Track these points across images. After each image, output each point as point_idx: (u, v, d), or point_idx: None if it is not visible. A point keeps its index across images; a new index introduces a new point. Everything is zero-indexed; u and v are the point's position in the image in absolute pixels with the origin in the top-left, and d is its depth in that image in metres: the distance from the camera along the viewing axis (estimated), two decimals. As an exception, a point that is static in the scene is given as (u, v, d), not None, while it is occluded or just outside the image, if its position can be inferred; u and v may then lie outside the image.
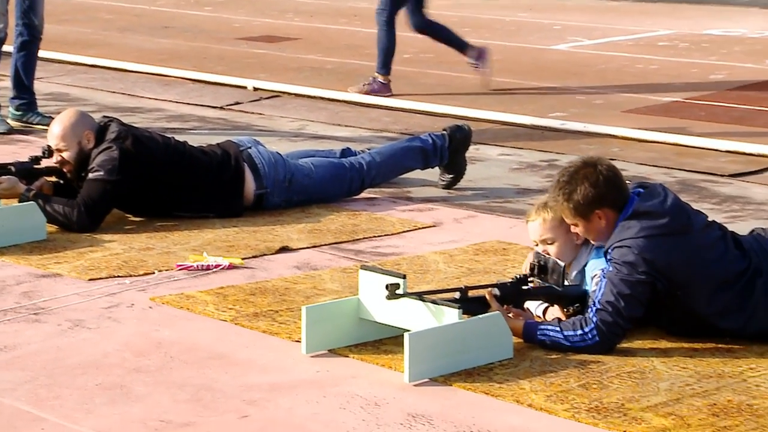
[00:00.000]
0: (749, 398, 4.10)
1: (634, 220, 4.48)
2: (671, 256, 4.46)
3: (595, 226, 4.56)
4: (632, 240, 4.45)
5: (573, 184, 4.54)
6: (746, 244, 4.62)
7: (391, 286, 4.43)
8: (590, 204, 4.52)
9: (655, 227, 4.47)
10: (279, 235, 6.08)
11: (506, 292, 4.64)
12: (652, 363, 4.41)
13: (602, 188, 4.52)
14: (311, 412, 4.10)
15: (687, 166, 7.32)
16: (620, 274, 4.46)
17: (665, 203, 4.52)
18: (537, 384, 4.24)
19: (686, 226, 4.52)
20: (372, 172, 6.71)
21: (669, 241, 4.46)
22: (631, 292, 4.44)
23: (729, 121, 8.34)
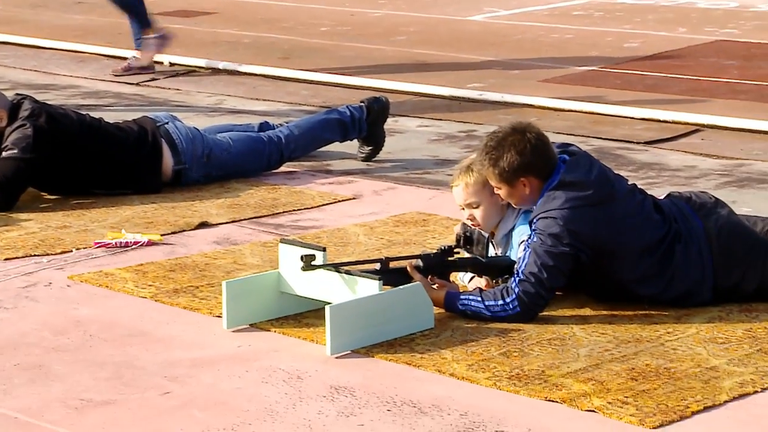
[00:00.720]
0: (666, 362, 4.15)
1: (559, 190, 4.50)
2: (596, 227, 4.49)
3: (518, 192, 4.58)
4: (557, 211, 4.48)
5: (500, 150, 4.54)
6: (665, 208, 4.67)
7: (306, 258, 4.43)
8: (515, 171, 4.53)
9: (581, 198, 4.49)
10: (198, 210, 6.04)
11: (430, 263, 4.65)
12: (571, 330, 4.45)
13: (528, 157, 4.53)
14: (234, 386, 4.09)
15: (603, 134, 7.38)
16: (544, 246, 4.48)
17: (591, 173, 4.55)
18: (458, 353, 4.26)
19: (610, 195, 4.56)
20: (291, 146, 6.70)
21: (594, 211, 4.50)
22: (555, 263, 4.47)
23: (643, 89, 8.42)
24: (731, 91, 8.27)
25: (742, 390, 3.93)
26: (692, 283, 4.57)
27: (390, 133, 7.18)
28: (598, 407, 3.83)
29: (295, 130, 6.74)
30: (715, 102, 7.96)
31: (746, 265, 4.59)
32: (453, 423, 3.79)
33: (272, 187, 6.43)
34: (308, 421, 3.84)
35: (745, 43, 9.74)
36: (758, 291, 4.60)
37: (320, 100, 8.41)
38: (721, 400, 3.87)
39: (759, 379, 4.01)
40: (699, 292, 4.57)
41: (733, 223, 4.67)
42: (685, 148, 7.07)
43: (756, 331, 4.40)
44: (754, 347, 4.26)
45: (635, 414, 3.78)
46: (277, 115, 7.89)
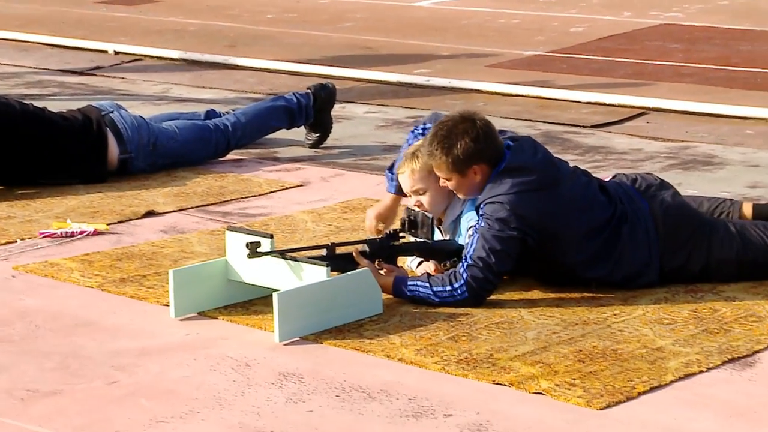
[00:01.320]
0: (613, 343, 4.18)
1: (505, 175, 4.52)
2: (542, 211, 4.51)
3: (469, 181, 4.59)
4: (504, 196, 4.50)
5: (452, 139, 4.55)
6: (611, 189, 4.70)
7: (251, 245, 4.42)
8: (469, 159, 4.55)
9: (526, 183, 4.52)
10: (145, 199, 6.01)
11: (376, 248, 4.65)
12: (519, 313, 4.47)
13: (481, 144, 4.55)
14: (181, 375, 4.08)
15: (550, 119, 7.41)
16: (492, 230, 4.50)
17: (535, 157, 4.57)
18: (407, 338, 4.27)
19: (555, 178, 4.58)
20: (237, 133, 6.68)
21: (540, 195, 4.52)
22: (503, 247, 4.49)
23: (590, 73, 8.46)
24: (676, 74, 8.33)
25: (687, 370, 3.97)
26: (639, 264, 4.60)
27: (337, 120, 7.17)
28: (546, 390, 3.85)
29: (242, 118, 6.72)
30: (660, 85, 8.01)
31: (691, 246, 4.63)
32: (402, 408, 3.80)
33: (219, 175, 6.41)
34: (257, 408, 3.84)
35: (689, 26, 9.81)
36: (703, 271, 4.64)
37: (267, 88, 8.39)
38: (667, 381, 3.90)
39: (704, 359, 4.04)
40: (646, 273, 4.61)
41: (678, 204, 4.71)
42: (631, 131, 7.12)
43: (701, 311, 4.44)
44: (699, 327, 4.30)
45: (582, 396, 3.81)
46: (224, 103, 7.86)
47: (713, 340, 4.18)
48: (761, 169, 6.28)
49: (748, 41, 9.19)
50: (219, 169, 6.51)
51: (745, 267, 4.63)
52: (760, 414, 3.69)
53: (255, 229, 5.17)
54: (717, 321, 4.34)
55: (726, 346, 4.13)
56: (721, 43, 9.16)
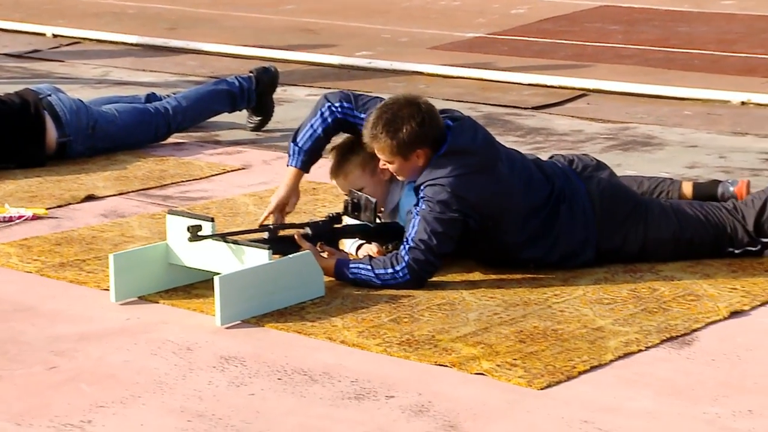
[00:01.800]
0: (554, 324, 4.21)
1: (445, 158, 4.54)
2: (483, 193, 4.53)
3: (411, 165, 4.59)
4: (445, 179, 4.51)
5: (398, 123, 4.54)
6: (548, 169, 4.72)
7: (192, 228, 4.40)
8: (413, 143, 4.55)
9: (467, 165, 4.53)
10: (84, 183, 5.97)
11: (318, 230, 4.65)
12: (461, 295, 4.48)
13: (426, 128, 4.55)
14: (122, 359, 4.06)
15: (492, 101, 7.43)
16: (433, 213, 4.51)
17: (476, 139, 4.59)
18: (349, 321, 4.28)
19: (495, 159, 4.60)
20: (178, 117, 6.64)
21: (480, 178, 4.54)
22: (444, 229, 4.50)
23: (530, 54, 8.49)
24: (616, 55, 8.38)
25: (626, 349, 4.00)
26: (576, 243, 4.64)
27: (279, 103, 7.15)
28: (487, 370, 3.87)
29: (183, 102, 6.69)
30: (600, 67, 8.06)
31: (628, 227, 4.66)
32: (344, 390, 3.81)
33: (160, 159, 6.37)
34: (198, 392, 3.83)
35: (628, 8, 9.87)
36: (641, 251, 4.68)
37: (208, 71, 8.35)
38: (607, 360, 3.93)
39: (643, 338, 4.08)
40: (583, 252, 4.64)
41: (615, 185, 4.75)
42: (572, 112, 7.15)
43: (640, 291, 4.47)
44: (638, 307, 4.33)
45: (523, 376, 3.83)
46: (165, 86, 7.81)
47: (652, 320, 4.22)
48: (699, 149, 6.34)
49: (686, 23, 9.26)
50: (160, 153, 6.48)
51: (681, 246, 4.68)
52: (697, 392, 3.73)
53: (196, 212, 5.15)
54: (656, 300, 4.38)
55: (664, 325, 4.17)
56: (660, 25, 9.23)
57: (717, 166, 6.01)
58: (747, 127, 6.69)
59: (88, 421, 3.65)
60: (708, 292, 4.43)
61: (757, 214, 4.65)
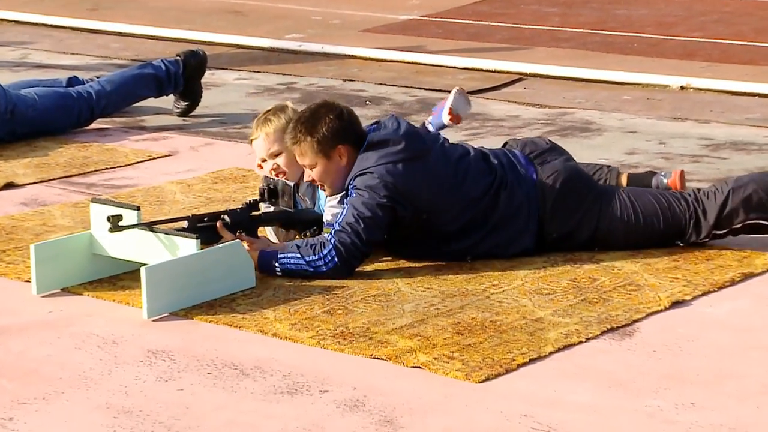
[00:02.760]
0: (492, 315, 4.21)
1: (370, 151, 4.56)
2: (412, 181, 4.54)
3: (335, 165, 4.60)
4: (373, 167, 4.54)
5: (315, 119, 4.59)
6: (494, 157, 4.73)
7: (113, 218, 4.36)
8: (334, 137, 4.56)
9: (393, 153, 4.56)
10: (3, 170, 5.90)
11: (237, 218, 4.61)
12: (396, 285, 4.48)
13: (346, 122, 4.60)
14: (45, 354, 4.01)
15: (426, 85, 7.43)
16: (361, 198, 4.52)
17: (399, 131, 4.62)
18: (281, 313, 4.25)
19: (423, 150, 4.61)
20: (102, 102, 6.58)
21: (408, 166, 4.55)
22: (372, 214, 4.50)
23: (465, 38, 8.50)
24: (553, 38, 8.41)
25: (567, 341, 4.01)
26: (513, 232, 4.64)
27: (207, 87, 7.10)
28: (424, 363, 3.87)
29: (107, 86, 6.63)
30: (537, 50, 8.08)
31: (582, 214, 4.67)
32: (276, 384, 3.78)
33: (83, 145, 6.31)
34: (125, 387, 3.79)
35: (566, -10, 9.90)
36: (590, 240, 4.69)
37: (132, 54, 8.27)
38: (547, 352, 3.94)
39: (583, 329, 4.09)
40: (518, 241, 4.65)
41: (568, 170, 4.73)
42: (509, 97, 7.17)
43: (580, 281, 4.49)
44: (578, 297, 4.35)
45: (461, 369, 3.83)
46: (87, 69, 7.74)
47: (592, 310, 4.24)
48: (638, 135, 6.37)
49: (624, 5, 9.31)
50: (82, 139, 6.41)
51: (631, 236, 4.69)
52: (639, 384, 3.75)
53: (121, 201, 5.10)
54: (596, 290, 4.40)
55: (605, 316, 4.19)
56: (598, 8, 9.28)
57: (657, 152, 6.05)
58: (687, 112, 6.74)
59: (9, 419, 3.60)
60: (649, 281, 4.45)
61: (719, 209, 4.66)
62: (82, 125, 6.56)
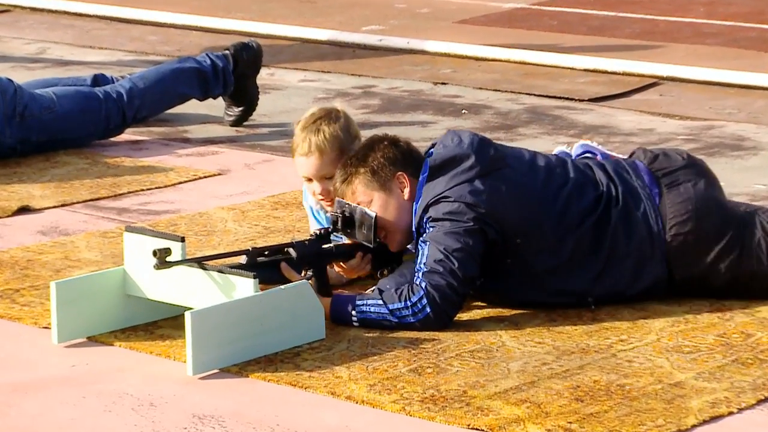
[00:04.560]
0: (620, 377, 4.22)
1: (436, 177, 4.64)
2: (497, 198, 4.59)
3: (395, 200, 4.68)
4: (446, 191, 4.61)
5: (367, 148, 4.74)
6: (599, 169, 4.74)
7: (160, 252, 4.43)
8: (391, 163, 4.68)
9: (465, 171, 4.63)
10: (17, 191, 6.00)
11: (304, 253, 4.67)
12: (500, 338, 4.50)
13: (404, 148, 4.75)
14: (68, 417, 4.08)
15: (537, 90, 7.45)
16: (443, 229, 4.57)
17: (462, 144, 4.69)
18: (357, 371, 4.30)
19: (498, 160, 4.68)
20: (135, 103, 6.65)
21: (487, 182, 4.61)
22: (462, 244, 4.55)
23: (586, 31, 8.52)
24: (696, 33, 8.40)
25: (714, 411, 4.02)
26: (637, 260, 4.62)
27: (264, 90, 7.18)
28: (535, 436, 3.90)
29: (140, 83, 6.70)
30: (677, 48, 8.08)
31: (717, 253, 4.66)
32: (351, 459, 3.83)
33: (113, 160, 6.40)
34: (165, 460, 3.85)
35: (713, -27, 9.90)
36: (729, 285, 4.69)
37: (173, 48, 8.39)
38: (689, 425, 3.95)
39: (734, 396, 4.10)
40: (646, 271, 4.63)
41: (704, 200, 4.71)
42: (640, 106, 7.18)
43: (730, 336, 4.49)
44: (728, 357, 4.35)
45: (581, 443, 3.86)
46: (117, 67, 7.86)
47: (746, 374, 4.24)
48: (805, 155, 6.36)
49: (787, -8, 9.29)
50: (112, 153, 6.50)
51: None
52: (805, 466, 3.74)
53: (160, 230, 5.18)
54: (750, 349, 4.40)
55: (762, 381, 4.19)
56: (754, -5, 9.26)
57: (828, 177, 6.04)
58: None
59: (25, 496, 3.68)
60: (817, 338, 4.45)
61: None
62: (112, 133, 6.65)
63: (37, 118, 6.40)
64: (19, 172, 6.23)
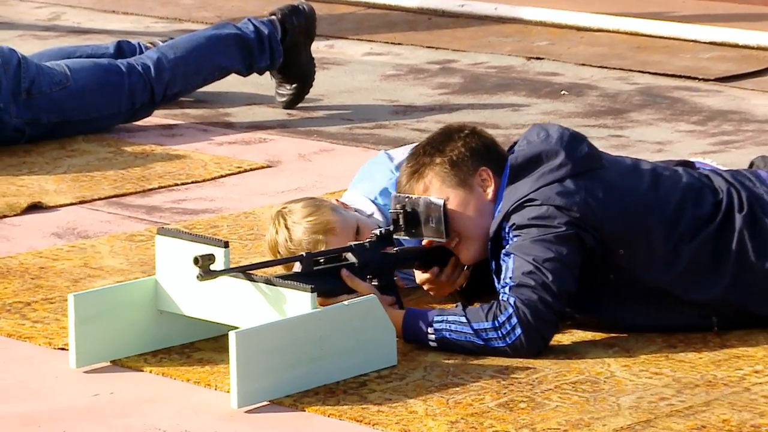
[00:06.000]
0: (754, 416, 4.22)
1: (518, 178, 4.66)
2: (593, 200, 4.60)
3: (476, 200, 4.69)
4: (531, 194, 4.62)
5: (445, 136, 4.76)
6: (715, 176, 4.75)
7: (202, 260, 4.45)
8: (473, 155, 4.70)
9: (553, 170, 4.64)
10: (27, 185, 6.05)
11: (366, 258, 4.68)
12: (608, 367, 4.50)
13: (487, 139, 4.77)
14: (89, 457, 4.12)
15: (652, 67, 7.44)
16: (530, 236, 4.58)
17: (549, 139, 4.70)
18: (435, 405, 4.30)
19: (593, 158, 4.70)
20: (164, 76, 6.66)
21: (580, 182, 4.62)
22: (554, 254, 4.55)
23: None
24: None
25: None
26: None
27: (322, 65, 7.20)
28: (651, 486, 3.91)
29: (170, 53, 6.72)
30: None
31: None
32: None
33: (141, 148, 6.44)
34: None
35: None
36: None
37: (212, 14, 8.42)
38: (838, 474, 3.95)
39: None
40: None
41: None
42: (778, 87, 7.17)
43: None
44: None
45: (707, 496, 3.86)
46: (145, 35, 7.87)
47: None
48: None
49: None
50: (140, 139, 6.54)
51: None
52: None
53: (198, 233, 5.20)
54: None
55: None
56: None
57: None
58: None
59: None
60: None
61: None
62: (138, 115, 6.69)
63: (46, 95, 6.44)
64: (29, 161, 6.28)
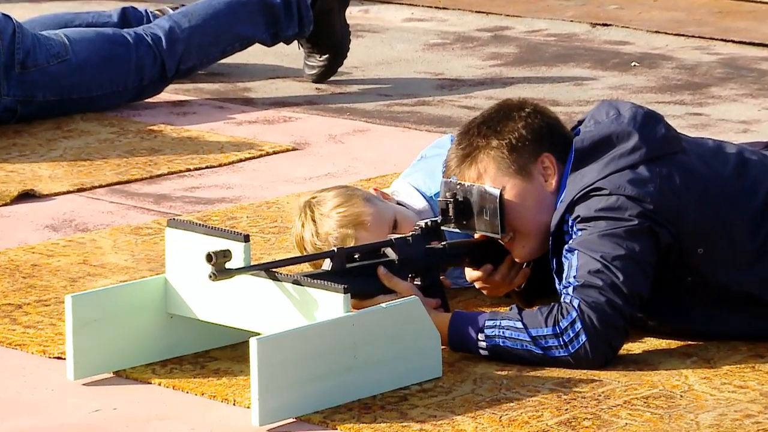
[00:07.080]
0: None
1: (584, 163, 4.66)
2: (669, 190, 4.62)
3: (536, 190, 4.71)
4: (597, 182, 4.62)
5: (503, 115, 4.76)
6: None
7: (217, 256, 4.46)
8: (537, 139, 4.70)
9: (625, 154, 4.66)
10: (18, 170, 6.09)
11: (408, 254, 4.69)
12: (685, 380, 4.51)
13: (551, 119, 4.77)
14: (89, 481, 4.15)
15: (736, 35, 7.44)
16: (597, 230, 4.59)
17: (621, 118, 4.71)
18: (486, 422, 4.32)
19: (671, 141, 4.71)
20: (177, 48, 6.69)
21: (655, 169, 4.64)
22: (625, 251, 4.57)
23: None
24: None
25: None
26: None
27: (356, 33, 7.21)
28: None
29: (184, 22, 6.74)
30: None
31: None
32: None
33: (148, 129, 6.46)
34: None
35: None
36: None
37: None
38: None
39: None
40: None
41: None
42: None
43: None
44: None
45: None
46: (154, 2, 7.89)
47: None
48: None
49: None
50: (147, 118, 6.57)
51: None
52: None
53: (213, 224, 5.22)
54: None
55: None
56: None
57: None
58: None
59: None
60: None
61: None
62: (147, 92, 6.73)
63: (42, 69, 6.47)
64: (20, 144, 6.32)
